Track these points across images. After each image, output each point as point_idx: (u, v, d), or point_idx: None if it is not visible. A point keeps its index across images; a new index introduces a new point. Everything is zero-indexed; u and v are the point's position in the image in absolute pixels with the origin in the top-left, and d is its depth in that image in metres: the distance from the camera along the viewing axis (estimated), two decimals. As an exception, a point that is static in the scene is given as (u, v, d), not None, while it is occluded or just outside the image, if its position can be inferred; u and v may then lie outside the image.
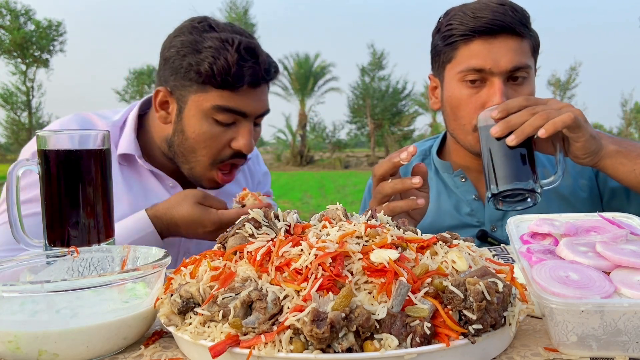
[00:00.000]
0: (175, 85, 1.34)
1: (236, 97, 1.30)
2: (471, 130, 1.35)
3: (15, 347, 0.61)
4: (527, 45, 1.33)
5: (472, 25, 1.32)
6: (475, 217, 1.45)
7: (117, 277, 0.64)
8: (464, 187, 1.48)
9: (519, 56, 1.30)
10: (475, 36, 1.32)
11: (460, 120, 1.38)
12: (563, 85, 40.34)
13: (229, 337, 0.56)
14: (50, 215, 0.95)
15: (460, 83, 1.36)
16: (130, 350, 0.67)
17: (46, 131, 0.95)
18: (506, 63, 1.29)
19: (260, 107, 1.35)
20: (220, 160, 1.35)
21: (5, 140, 38.55)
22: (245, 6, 37.42)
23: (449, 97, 1.40)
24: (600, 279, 0.60)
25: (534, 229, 0.75)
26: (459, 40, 1.34)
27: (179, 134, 1.36)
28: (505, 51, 1.30)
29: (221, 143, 1.34)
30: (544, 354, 0.59)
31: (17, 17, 33.50)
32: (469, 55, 1.33)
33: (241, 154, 1.36)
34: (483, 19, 1.30)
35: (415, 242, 0.67)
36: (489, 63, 1.30)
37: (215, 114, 1.31)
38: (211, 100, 1.30)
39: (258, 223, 0.71)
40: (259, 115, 1.37)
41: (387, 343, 0.53)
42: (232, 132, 1.33)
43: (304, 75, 36.52)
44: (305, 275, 0.59)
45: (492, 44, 1.31)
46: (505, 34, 1.31)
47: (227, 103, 1.30)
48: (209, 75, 1.27)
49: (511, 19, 1.30)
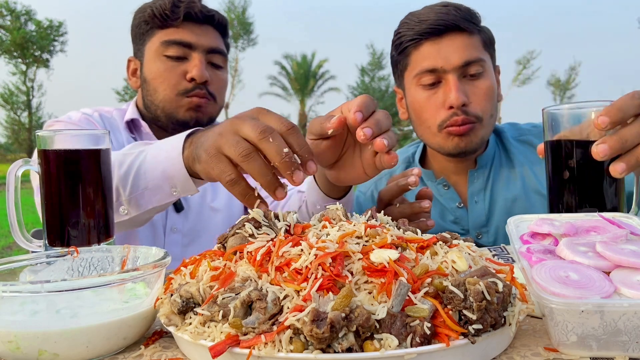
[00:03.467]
0: (136, 48, 1.56)
1: (180, 31, 1.48)
2: (437, 131, 1.37)
3: (15, 347, 0.61)
4: (477, 40, 1.36)
5: (419, 29, 1.36)
6: (459, 225, 1.46)
7: (117, 277, 0.64)
8: (447, 195, 1.49)
9: (469, 51, 1.33)
10: (423, 39, 1.36)
11: (425, 123, 1.40)
12: (563, 86, 40.38)
13: (229, 337, 0.56)
14: (50, 215, 0.95)
15: (418, 87, 1.39)
16: (130, 350, 0.67)
17: (46, 131, 0.95)
18: (456, 59, 1.32)
19: (206, 41, 1.50)
20: (182, 91, 1.48)
21: (5, 140, 38.56)
22: (244, 5, 37.42)
23: (411, 103, 1.43)
24: (600, 279, 0.60)
25: (534, 229, 0.75)
26: (409, 45, 1.39)
27: (144, 85, 1.54)
28: (454, 48, 1.33)
29: (176, 74, 1.48)
30: (544, 354, 0.59)
31: (18, 17, 33.50)
32: (420, 58, 1.37)
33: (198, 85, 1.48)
34: (428, 22, 1.35)
35: (415, 242, 0.67)
36: (439, 62, 1.33)
37: (165, 50, 1.48)
38: (159, 39, 1.49)
39: (258, 223, 0.71)
40: (209, 51, 1.50)
41: (387, 343, 0.53)
42: (184, 66, 1.49)
43: (304, 76, 36.52)
44: (305, 275, 0.59)
45: (440, 44, 1.34)
46: (451, 32, 1.34)
47: (172, 37, 1.48)
48: (152, 18, 1.48)
49: (454, 17, 1.33)
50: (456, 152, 1.39)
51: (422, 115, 1.40)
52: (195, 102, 1.48)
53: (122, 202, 1.07)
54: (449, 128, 1.35)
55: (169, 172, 1.00)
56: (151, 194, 1.05)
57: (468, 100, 1.34)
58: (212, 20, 1.53)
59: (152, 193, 1.05)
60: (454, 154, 1.40)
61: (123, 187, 1.06)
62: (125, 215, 1.09)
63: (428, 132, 1.40)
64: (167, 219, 1.50)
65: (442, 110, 1.35)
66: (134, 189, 1.05)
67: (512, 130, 1.54)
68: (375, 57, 39.73)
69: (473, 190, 1.46)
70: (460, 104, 1.32)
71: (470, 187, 1.47)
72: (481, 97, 1.35)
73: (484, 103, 1.35)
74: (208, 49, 1.50)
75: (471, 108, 1.34)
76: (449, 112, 1.34)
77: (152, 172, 1.03)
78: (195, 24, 1.50)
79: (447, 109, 1.34)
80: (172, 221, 1.51)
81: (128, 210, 1.08)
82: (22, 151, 34.73)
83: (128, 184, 1.05)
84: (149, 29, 1.51)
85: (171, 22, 1.47)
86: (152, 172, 1.03)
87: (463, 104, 1.32)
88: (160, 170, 1.01)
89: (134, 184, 1.05)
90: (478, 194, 1.46)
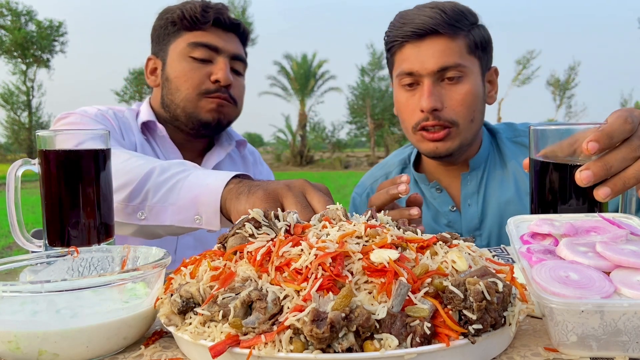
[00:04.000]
0: (157, 48, 1.58)
1: (207, 35, 1.52)
2: (412, 132, 1.40)
3: (15, 347, 0.61)
4: (459, 45, 1.35)
5: (402, 31, 1.37)
6: (453, 228, 1.46)
7: (117, 277, 0.64)
8: (441, 199, 1.49)
9: (446, 57, 1.33)
10: (405, 41, 1.37)
11: (403, 123, 1.43)
12: (562, 86, 40.36)
13: (229, 337, 0.56)
14: (50, 215, 0.95)
15: (400, 87, 1.41)
16: (130, 350, 0.67)
17: (46, 131, 0.95)
18: (432, 64, 1.33)
19: (231, 47, 1.54)
20: (204, 91, 1.50)
21: (5, 140, 38.54)
22: (244, 5, 37.41)
23: (395, 102, 1.46)
24: (600, 279, 0.60)
25: (534, 229, 0.75)
26: (394, 46, 1.41)
27: (165, 84, 1.55)
28: (432, 52, 1.34)
29: (200, 75, 1.50)
30: (544, 354, 0.59)
31: (19, 17, 33.49)
32: (401, 59, 1.39)
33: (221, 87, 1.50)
34: (410, 24, 1.35)
35: (415, 242, 0.67)
36: (416, 65, 1.35)
37: (191, 52, 1.51)
38: (185, 40, 1.52)
39: (258, 223, 0.71)
40: (233, 57, 1.54)
41: (387, 343, 0.53)
42: (209, 68, 1.51)
43: (304, 76, 36.53)
44: (305, 275, 0.59)
45: (419, 47, 1.35)
46: (432, 36, 1.34)
47: (200, 39, 1.51)
48: (181, 19, 1.51)
49: (437, 21, 1.33)
50: (432, 155, 1.41)
51: (401, 116, 1.43)
52: (217, 102, 1.51)
53: (144, 207, 1.06)
54: (422, 132, 1.37)
55: (202, 199, 1.00)
56: (175, 212, 1.04)
57: (442, 106, 1.35)
58: (238, 28, 1.57)
59: (176, 212, 1.04)
60: (430, 156, 1.42)
61: (154, 193, 1.06)
62: (140, 221, 1.08)
63: (407, 131, 1.44)
64: None
65: (416, 112, 1.37)
66: (162, 200, 1.05)
67: (508, 130, 1.54)
68: (375, 57, 39.72)
69: (466, 193, 1.46)
70: (430, 108, 1.33)
71: (463, 190, 1.47)
72: (457, 102, 1.35)
73: (460, 108, 1.36)
74: (232, 55, 1.54)
75: (445, 113, 1.35)
76: (422, 115, 1.36)
77: (186, 192, 1.03)
78: (222, 30, 1.54)
79: (420, 113, 1.36)
80: None
81: (146, 217, 1.07)
82: (22, 151, 34.71)
83: (159, 193, 1.05)
84: (176, 30, 1.54)
85: (200, 25, 1.51)
86: (186, 192, 1.03)
87: (434, 109, 1.33)
88: (195, 193, 1.02)
89: (164, 195, 1.05)
90: (471, 197, 1.46)
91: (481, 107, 1.42)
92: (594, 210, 0.94)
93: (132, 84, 40.69)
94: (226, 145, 1.68)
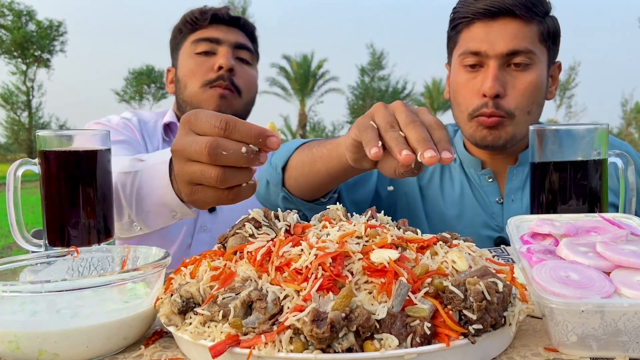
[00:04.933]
0: (174, 57, 1.67)
1: (208, 30, 1.59)
2: (467, 120, 1.33)
3: (15, 347, 0.61)
4: (532, 30, 1.28)
5: (473, 8, 1.29)
6: (495, 221, 1.40)
7: (117, 277, 0.64)
8: (489, 188, 1.42)
9: (517, 40, 1.26)
10: (475, 19, 1.29)
11: (459, 107, 1.36)
12: (562, 86, 40.35)
13: (229, 337, 0.56)
14: (51, 215, 0.95)
15: (461, 68, 1.34)
16: (130, 350, 0.67)
17: (46, 131, 0.95)
18: (502, 46, 1.26)
19: (232, 37, 1.60)
20: (207, 82, 1.54)
21: (5, 140, 38.55)
22: (244, 5, 37.42)
23: (452, 83, 1.39)
24: (600, 279, 0.60)
25: (534, 229, 0.75)
26: (461, 23, 1.33)
27: (177, 85, 1.62)
28: (504, 34, 1.26)
29: (205, 68, 1.55)
30: (544, 354, 0.59)
31: (19, 17, 33.50)
32: (468, 38, 1.31)
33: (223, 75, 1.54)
34: (484, 1, 1.27)
35: (415, 242, 0.67)
36: (484, 46, 1.28)
37: (195, 48, 1.58)
38: (189, 41, 1.60)
39: (258, 223, 0.71)
40: (236, 46, 1.59)
41: (387, 343, 0.53)
42: (213, 60, 1.56)
43: (304, 76, 36.54)
44: (305, 276, 0.59)
45: (491, 27, 1.28)
46: (506, 16, 1.27)
47: (201, 35, 1.58)
48: (184, 24, 1.61)
49: (514, 1, 1.25)
50: (483, 144, 1.34)
51: (458, 99, 1.35)
52: (218, 92, 1.53)
53: (133, 220, 1.06)
54: (479, 118, 1.30)
55: (165, 200, 0.99)
56: (155, 217, 1.04)
57: (504, 93, 1.27)
58: (238, 21, 1.63)
59: (156, 216, 1.03)
60: (481, 145, 1.35)
61: (129, 207, 1.05)
62: (140, 231, 1.08)
63: (461, 117, 1.36)
64: (198, 216, 1.51)
65: (476, 97, 1.30)
66: (139, 210, 1.04)
67: None
68: (375, 57, 39.72)
69: (511, 187, 1.40)
70: (494, 94, 1.26)
71: (508, 184, 1.41)
72: (520, 91, 1.28)
73: (521, 98, 1.28)
74: (235, 44, 1.59)
75: (505, 102, 1.28)
76: (481, 100, 1.29)
77: (149, 198, 1.01)
78: (223, 25, 1.61)
79: (481, 97, 1.29)
80: (203, 220, 1.52)
81: (141, 227, 1.07)
82: (22, 151, 34.72)
83: (133, 206, 1.04)
84: (183, 36, 1.63)
85: (200, 24, 1.59)
86: (149, 198, 1.01)
87: (497, 94, 1.26)
88: (156, 197, 1.00)
89: (138, 206, 1.04)
90: (515, 192, 1.40)
91: (541, 100, 1.35)
92: (594, 210, 0.94)
93: (132, 84, 40.68)
94: None
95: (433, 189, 1.46)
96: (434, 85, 40.64)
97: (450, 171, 1.47)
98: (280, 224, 0.72)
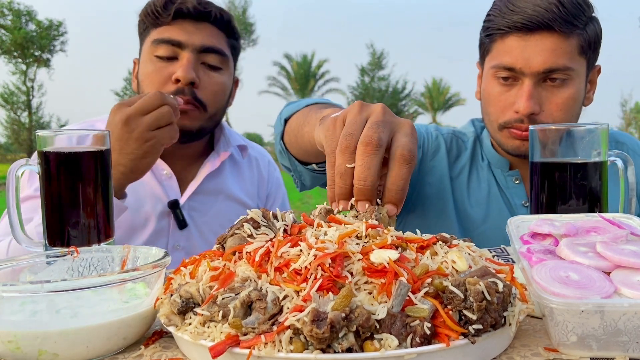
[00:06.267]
0: (140, 49, 1.48)
1: (170, 29, 1.38)
2: (497, 129, 1.30)
3: (15, 347, 0.61)
4: (572, 45, 1.21)
5: (509, 19, 1.22)
6: None
7: (117, 277, 0.64)
8: (515, 190, 1.38)
9: (555, 57, 1.20)
10: (511, 31, 1.22)
11: (490, 116, 1.33)
12: (563, 85, 40.28)
13: (229, 337, 0.56)
14: (50, 215, 0.95)
15: (493, 79, 1.29)
16: (130, 350, 0.67)
17: (46, 131, 0.95)
18: (538, 64, 1.20)
19: (198, 39, 1.38)
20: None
21: (5, 140, 38.55)
22: (244, 6, 37.40)
23: (483, 91, 1.35)
24: (600, 279, 0.60)
25: (534, 229, 0.75)
26: (495, 33, 1.27)
27: (139, 88, 1.45)
28: (540, 50, 1.19)
29: (162, 76, 1.37)
30: (544, 354, 0.59)
31: (19, 17, 33.50)
32: (503, 50, 1.25)
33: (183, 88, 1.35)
34: (520, 14, 1.20)
35: (415, 242, 0.67)
36: (520, 62, 1.21)
37: (155, 50, 1.38)
38: (151, 38, 1.41)
39: (257, 223, 0.71)
40: (202, 50, 1.38)
41: (387, 343, 0.53)
42: (173, 67, 1.37)
43: (304, 76, 36.53)
44: (305, 276, 0.59)
45: (527, 41, 1.20)
46: (543, 31, 1.19)
47: (162, 35, 1.38)
48: (146, 16, 1.41)
49: (553, 15, 1.17)
50: (515, 153, 1.30)
51: (489, 108, 1.32)
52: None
53: None
54: (512, 130, 1.26)
55: None
56: None
57: (539, 109, 1.23)
58: (209, 16, 1.40)
59: None
60: (512, 154, 1.32)
61: None
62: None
63: (490, 125, 1.33)
64: (169, 237, 1.43)
65: (509, 110, 1.25)
66: None
67: None
68: (375, 57, 39.71)
69: None
70: (528, 113, 1.21)
71: None
72: (557, 106, 1.23)
73: (558, 114, 1.23)
74: (200, 48, 1.38)
75: (541, 117, 1.23)
76: (514, 115, 1.24)
77: None
78: (190, 21, 1.39)
79: (514, 113, 1.24)
80: (175, 239, 1.44)
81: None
82: (22, 151, 34.72)
83: None
84: (145, 28, 1.43)
85: (163, 20, 1.38)
86: None
87: (532, 112, 1.22)
88: None
89: None
90: None
91: (579, 111, 1.30)
92: (594, 210, 0.94)
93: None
94: (222, 153, 1.53)
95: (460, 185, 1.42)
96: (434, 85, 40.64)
97: (478, 170, 1.43)
98: (279, 224, 0.72)
